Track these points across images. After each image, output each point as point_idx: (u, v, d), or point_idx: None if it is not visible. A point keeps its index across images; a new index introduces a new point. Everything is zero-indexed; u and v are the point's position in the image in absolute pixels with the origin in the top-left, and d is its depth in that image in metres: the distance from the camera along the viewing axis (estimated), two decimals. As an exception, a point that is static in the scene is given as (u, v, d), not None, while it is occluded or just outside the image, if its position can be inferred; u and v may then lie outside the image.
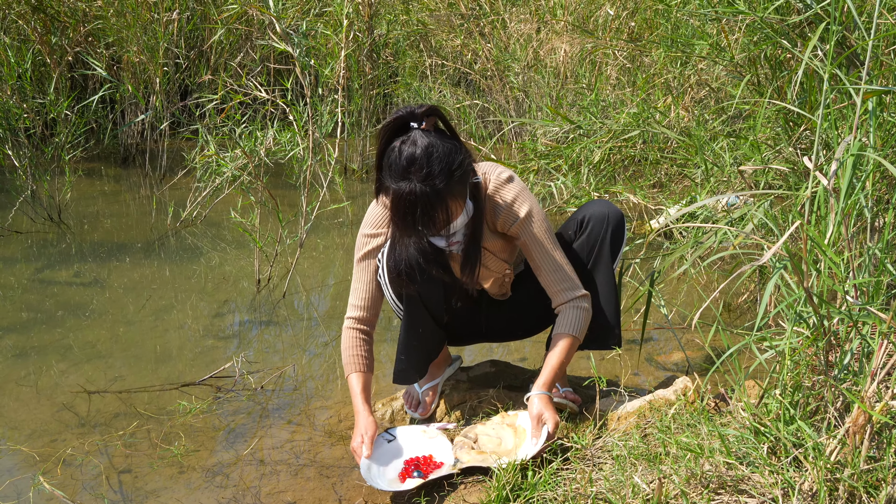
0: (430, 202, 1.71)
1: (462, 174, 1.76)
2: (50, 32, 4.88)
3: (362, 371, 1.99)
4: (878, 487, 1.42)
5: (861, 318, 1.47)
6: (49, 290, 3.29)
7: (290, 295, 3.27)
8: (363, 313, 2.01)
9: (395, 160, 1.72)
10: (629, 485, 1.59)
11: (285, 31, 3.02)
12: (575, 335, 1.95)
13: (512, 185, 1.94)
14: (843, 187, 1.46)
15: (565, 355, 1.95)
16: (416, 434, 2.02)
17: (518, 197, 1.94)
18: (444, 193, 1.72)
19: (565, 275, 1.96)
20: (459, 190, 1.77)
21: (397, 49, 5.65)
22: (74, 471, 2.03)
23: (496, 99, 5.42)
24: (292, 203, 4.21)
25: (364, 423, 1.92)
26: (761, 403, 1.67)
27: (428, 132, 1.75)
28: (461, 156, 1.76)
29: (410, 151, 1.71)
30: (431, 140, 1.72)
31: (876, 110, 1.61)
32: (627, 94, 4.03)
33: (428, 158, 1.70)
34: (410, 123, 1.75)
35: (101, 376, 2.54)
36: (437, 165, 1.70)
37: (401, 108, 1.77)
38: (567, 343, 1.95)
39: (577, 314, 1.95)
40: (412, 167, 1.70)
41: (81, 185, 4.73)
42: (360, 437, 1.89)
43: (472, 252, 1.93)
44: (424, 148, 1.71)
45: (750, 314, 2.89)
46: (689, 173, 3.13)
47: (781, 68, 2.62)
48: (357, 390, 1.97)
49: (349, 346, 2.00)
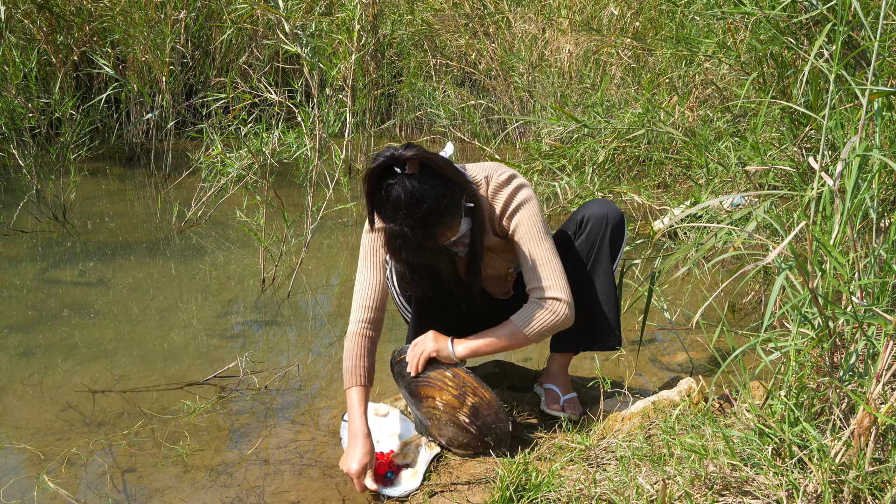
0: (420, 243, 1.72)
1: (453, 208, 1.75)
2: (55, 31, 4.90)
3: (363, 385, 1.94)
4: (883, 489, 1.41)
5: (866, 320, 1.46)
6: (54, 290, 3.30)
7: (295, 295, 3.28)
8: (370, 314, 1.98)
9: (384, 202, 1.71)
10: (633, 486, 1.58)
11: (293, 31, 3.02)
12: (523, 331, 1.88)
13: (510, 185, 1.93)
14: (848, 188, 1.45)
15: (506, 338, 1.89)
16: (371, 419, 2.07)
17: (515, 196, 1.92)
18: (433, 233, 1.73)
19: (545, 275, 1.89)
20: (449, 222, 1.77)
21: (402, 49, 5.66)
22: (79, 470, 2.03)
23: (500, 99, 5.42)
24: (296, 203, 4.21)
25: (364, 448, 1.85)
26: (766, 405, 1.66)
27: (411, 176, 1.70)
28: (448, 194, 1.73)
29: (396, 196, 1.68)
30: (414, 186, 1.68)
31: (882, 111, 1.61)
32: (632, 93, 4.02)
33: (414, 204, 1.68)
34: (394, 168, 1.71)
35: (106, 376, 2.55)
36: (426, 209, 1.69)
37: (383, 150, 1.73)
38: (512, 330, 1.89)
39: (538, 312, 1.88)
40: (398, 214, 1.69)
41: (86, 184, 4.74)
42: (362, 466, 1.83)
43: (475, 252, 1.94)
44: (410, 194, 1.68)
45: (754, 315, 2.88)
46: (694, 174, 3.12)
47: (787, 67, 2.61)
48: (357, 408, 1.91)
49: (353, 356, 1.95)
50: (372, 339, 1.98)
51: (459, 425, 1.91)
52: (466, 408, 1.90)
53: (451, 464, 1.98)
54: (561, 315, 1.88)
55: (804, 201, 1.79)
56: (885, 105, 1.62)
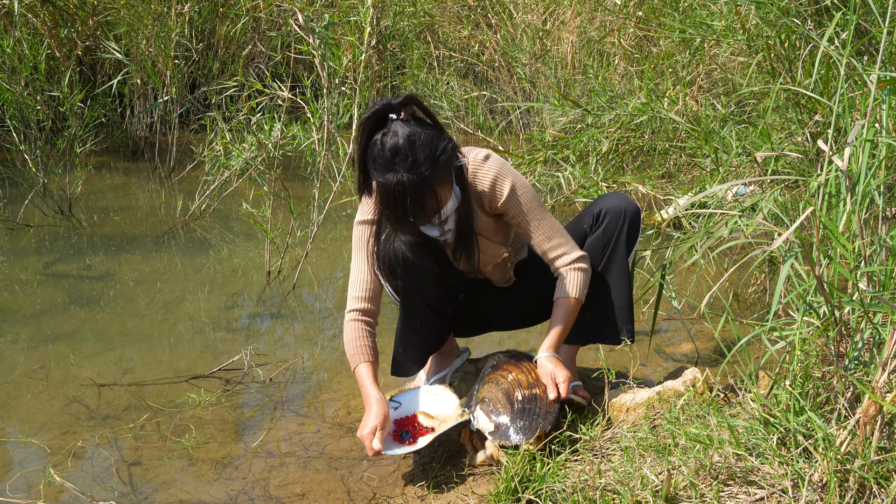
0: (419, 190, 1.71)
1: (446, 159, 1.76)
2: (59, 25, 4.90)
3: (370, 361, 1.93)
4: (889, 478, 1.41)
5: (872, 308, 1.45)
6: (60, 284, 3.31)
7: (300, 287, 3.28)
8: (365, 304, 1.96)
9: (379, 153, 1.72)
10: (638, 476, 1.58)
11: (308, 24, 3.02)
12: (576, 297, 1.95)
13: (489, 163, 1.92)
14: (861, 169, 1.44)
15: (569, 317, 1.96)
16: (418, 395, 2.04)
17: (499, 174, 1.92)
18: (431, 180, 1.72)
19: (561, 240, 1.95)
20: (446, 175, 1.77)
21: (404, 41, 5.63)
22: (85, 463, 2.04)
23: (504, 90, 5.40)
24: (300, 196, 4.21)
25: (379, 412, 1.84)
26: (771, 394, 1.66)
27: (407, 122, 1.74)
28: (444, 141, 1.76)
29: (393, 142, 1.70)
30: (412, 129, 1.72)
31: (889, 98, 1.59)
32: (636, 82, 4.00)
33: (411, 147, 1.70)
34: (389, 115, 1.74)
35: (112, 369, 2.56)
36: (422, 153, 1.70)
37: (377, 101, 1.76)
38: (569, 305, 1.95)
39: (576, 276, 1.95)
40: (396, 158, 1.70)
41: (91, 178, 4.75)
42: (373, 428, 1.82)
43: (465, 236, 1.92)
44: (406, 137, 1.70)
45: (759, 305, 2.87)
46: (699, 162, 3.10)
47: (794, 51, 2.58)
48: (368, 379, 1.90)
49: (354, 338, 1.94)
50: (369, 323, 1.97)
51: (509, 397, 1.91)
52: (528, 392, 1.92)
53: (456, 454, 1.98)
54: (588, 267, 1.98)
55: (811, 188, 1.77)
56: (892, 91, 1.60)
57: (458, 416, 1.93)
